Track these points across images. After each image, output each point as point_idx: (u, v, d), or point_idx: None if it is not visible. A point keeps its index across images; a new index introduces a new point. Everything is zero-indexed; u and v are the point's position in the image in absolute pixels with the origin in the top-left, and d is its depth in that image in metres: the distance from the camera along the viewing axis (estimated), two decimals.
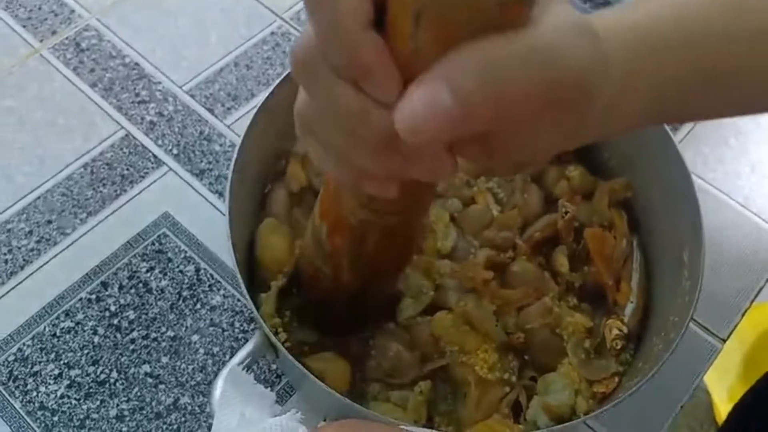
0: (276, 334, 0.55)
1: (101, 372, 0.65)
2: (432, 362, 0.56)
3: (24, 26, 0.87)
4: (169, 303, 0.69)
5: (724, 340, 0.70)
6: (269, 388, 0.42)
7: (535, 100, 0.25)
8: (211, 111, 0.81)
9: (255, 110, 0.58)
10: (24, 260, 0.71)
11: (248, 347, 0.48)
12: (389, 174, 0.31)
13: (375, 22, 0.26)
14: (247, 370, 0.45)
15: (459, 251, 0.61)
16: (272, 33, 0.88)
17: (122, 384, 0.65)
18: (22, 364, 0.65)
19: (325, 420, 0.41)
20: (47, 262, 0.71)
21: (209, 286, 0.70)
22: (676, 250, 0.59)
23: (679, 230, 0.59)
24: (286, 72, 0.61)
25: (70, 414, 0.63)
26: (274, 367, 0.66)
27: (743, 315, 0.72)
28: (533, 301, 0.58)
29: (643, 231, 0.65)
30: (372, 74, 0.26)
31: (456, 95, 0.24)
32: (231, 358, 0.48)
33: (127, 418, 0.63)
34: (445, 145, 0.29)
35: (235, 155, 0.56)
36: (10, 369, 0.65)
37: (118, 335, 0.67)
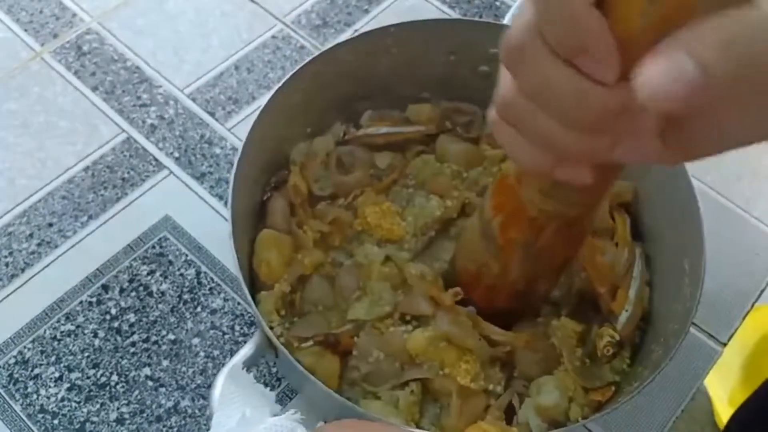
0: (279, 336, 0.55)
1: (102, 375, 0.65)
2: (411, 371, 0.55)
3: (26, 30, 0.87)
4: (170, 306, 0.69)
5: (725, 344, 0.70)
6: (270, 389, 0.42)
7: None
8: (212, 114, 0.81)
9: (256, 113, 0.59)
10: (25, 263, 0.71)
11: (248, 347, 0.49)
12: (593, 156, 0.32)
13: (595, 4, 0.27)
14: (247, 370, 0.45)
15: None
16: (273, 37, 0.88)
17: (123, 387, 0.65)
18: (23, 367, 0.65)
19: (325, 422, 0.41)
20: (48, 265, 0.71)
21: (210, 289, 0.70)
22: (677, 257, 0.59)
23: (680, 238, 0.59)
24: (288, 75, 0.61)
25: (71, 417, 0.63)
26: (274, 370, 0.66)
27: (743, 319, 0.72)
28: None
29: (644, 237, 0.65)
30: (593, 50, 0.27)
31: (700, 62, 0.25)
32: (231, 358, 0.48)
33: (128, 421, 0.63)
34: (656, 127, 0.30)
35: (237, 159, 0.56)
36: (10, 372, 0.65)
37: (119, 338, 0.67)
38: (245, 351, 0.48)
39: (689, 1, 0.26)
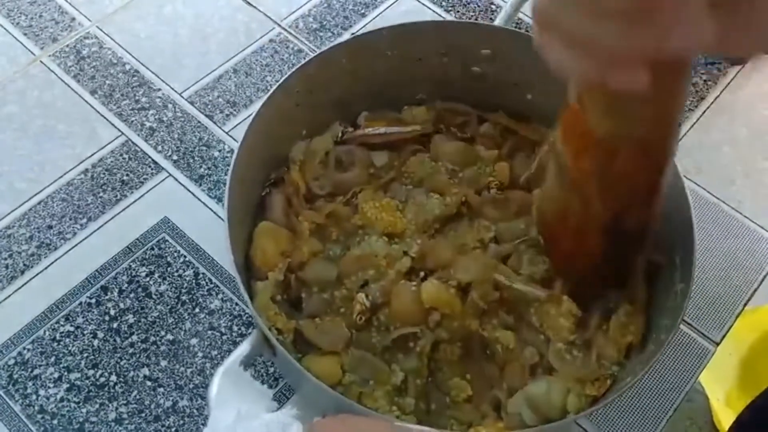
0: (276, 332, 0.56)
1: (100, 375, 0.66)
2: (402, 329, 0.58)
3: (25, 34, 0.88)
4: (168, 307, 0.70)
5: (717, 343, 0.71)
6: (267, 387, 0.43)
7: None
8: (210, 117, 0.82)
9: (253, 116, 0.59)
10: (24, 265, 0.72)
11: (246, 345, 0.49)
12: (640, 52, 0.29)
13: None
14: (244, 368, 0.46)
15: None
16: (271, 40, 0.89)
17: (121, 387, 0.65)
18: (22, 367, 0.66)
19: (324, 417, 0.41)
20: (47, 267, 0.72)
21: (208, 290, 0.71)
22: (668, 254, 0.59)
23: (671, 234, 0.59)
24: (284, 77, 0.61)
25: (70, 417, 0.64)
26: (271, 370, 0.67)
27: (736, 318, 0.72)
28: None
29: None
30: None
31: None
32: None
33: (126, 421, 0.64)
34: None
35: (234, 158, 0.57)
36: (10, 372, 0.66)
37: (118, 339, 0.68)
38: (243, 349, 0.48)
39: None
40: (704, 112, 0.86)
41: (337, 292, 0.60)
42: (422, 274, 0.60)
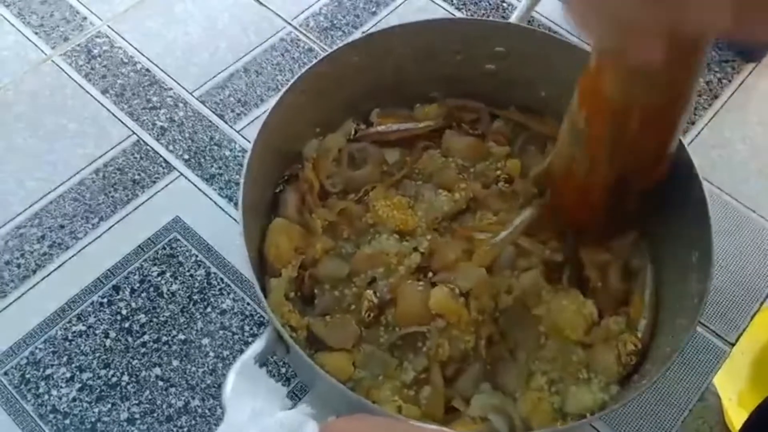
0: (289, 329, 0.56)
1: (112, 375, 0.66)
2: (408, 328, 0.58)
3: (36, 33, 0.88)
4: (180, 307, 0.69)
5: (732, 344, 0.70)
6: (281, 384, 0.43)
7: None
8: (221, 117, 0.82)
9: (265, 116, 0.59)
10: (36, 264, 0.72)
11: (260, 342, 0.49)
12: (659, 24, 0.31)
13: None
14: (259, 365, 0.45)
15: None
16: (281, 39, 0.88)
17: (133, 387, 0.65)
18: (35, 367, 0.66)
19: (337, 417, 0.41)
20: (59, 267, 0.72)
21: (219, 290, 0.70)
22: (685, 253, 0.59)
23: (688, 233, 0.59)
24: (296, 76, 0.61)
25: (82, 417, 0.64)
26: (283, 370, 0.66)
27: (752, 318, 0.72)
28: None
29: (651, 233, 0.65)
30: None
31: None
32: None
33: (138, 421, 0.64)
34: None
35: (248, 155, 0.57)
36: (22, 372, 0.66)
37: (130, 338, 0.68)
38: (257, 346, 0.48)
39: None
40: (718, 110, 0.85)
41: (348, 289, 0.60)
42: (431, 273, 0.60)
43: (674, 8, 0.30)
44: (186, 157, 0.79)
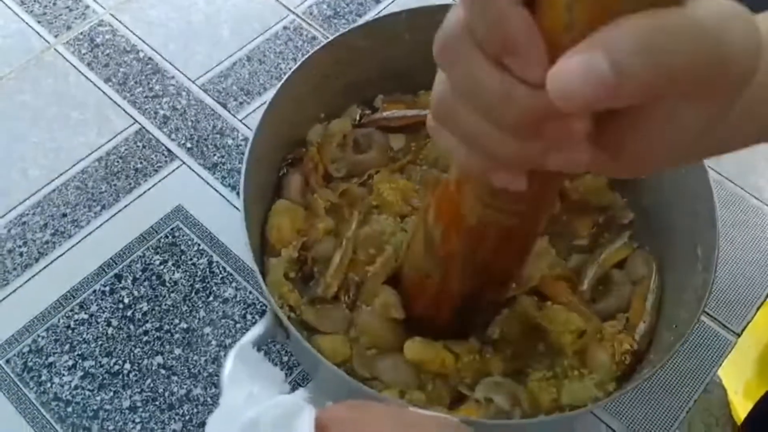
0: (288, 309, 0.56)
1: (115, 363, 0.66)
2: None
3: (39, 21, 0.87)
4: (182, 295, 0.69)
5: (738, 334, 0.69)
6: (280, 368, 0.43)
7: (691, 75, 0.25)
8: (224, 105, 0.81)
9: (268, 103, 0.59)
10: (39, 253, 0.72)
11: (260, 325, 0.49)
12: (525, 162, 0.31)
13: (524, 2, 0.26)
14: (257, 348, 0.45)
15: None
16: (285, 27, 0.88)
17: (135, 375, 0.65)
18: (37, 355, 0.66)
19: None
20: (62, 255, 0.72)
21: (222, 278, 0.70)
22: (689, 243, 0.58)
23: (693, 223, 0.58)
24: (299, 64, 0.61)
25: (84, 405, 0.64)
26: (285, 358, 0.66)
27: (758, 309, 0.71)
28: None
29: (655, 223, 0.64)
30: (519, 48, 0.26)
31: (614, 62, 0.24)
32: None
33: (140, 409, 0.64)
34: (584, 133, 0.29)
35: (251, 140, 0.57)
36: (24, 360, 0.66)
37: (132, 327, 0.68)
38: (256, 330, 0.48)
39: None
40: None
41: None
42: None
43: (538, 154, 0.30)
44: (188, 145, 0.78)
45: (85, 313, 0.68)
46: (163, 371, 0.66)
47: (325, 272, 0.59)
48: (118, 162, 0.77)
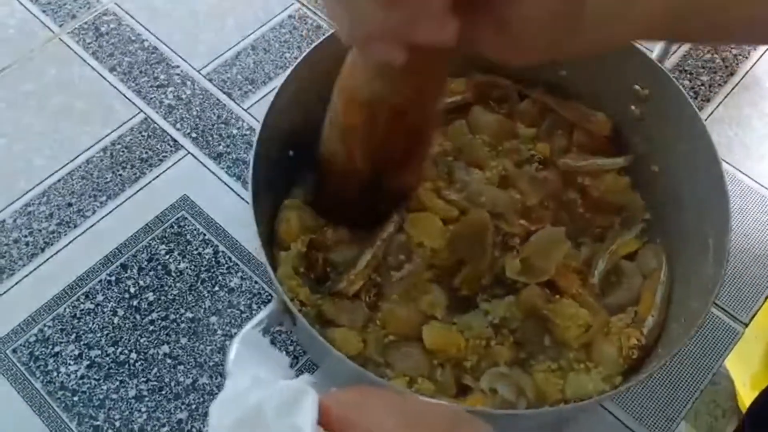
0: (298, 304, 0.56)
1: (121, 353, 0.66)
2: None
3: (44, 11, 0.87)
4: (188, 285, 0.69)
5: (746, 325, 0.69)
6: (285, 354, 0.42)
7: None
8: (228, 95, 0.81)
9: (273, 93, 0.58)
10: (44, 242, 0.72)
11: (265, 311, 0.48)
12: (395, 33, 0.33)
13: None
14: (263, 334, 0.45)
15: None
16: (290, 16, 0.87)
17: (141, 365, 0.65)
18: (43, 345, 0.66)
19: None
20: (67, 245, 0.72)
21: (227, 268, 0.70)
22: (701, 235, 0.57)
23: (705, 215, 0.57)
24: (306, 52, 0.60)
25: (90, 394, 0.64)
26: (291, 348, 0.66)
27: (766, 299, 0.71)
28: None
29: (667, 215, 0.64)
30: None
31: None
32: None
33: (146, 399, 0.64)
34: (443, 3, 0.32)
35: (258, 131, 0.56)
36: (30, 350, 0.66)
37: (138, 316, 0.68)
38: (262, 315, 0.48)
39: None
40: (734, 87, 0.84)
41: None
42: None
43: (403, 24, 0.32)
44: (194, 135, 0.78)
45: (91, 303, 0.68)
46: (169, 360, 0.66)
47: (347, 271, 0.59)
48: (123, 152, 0.77)
